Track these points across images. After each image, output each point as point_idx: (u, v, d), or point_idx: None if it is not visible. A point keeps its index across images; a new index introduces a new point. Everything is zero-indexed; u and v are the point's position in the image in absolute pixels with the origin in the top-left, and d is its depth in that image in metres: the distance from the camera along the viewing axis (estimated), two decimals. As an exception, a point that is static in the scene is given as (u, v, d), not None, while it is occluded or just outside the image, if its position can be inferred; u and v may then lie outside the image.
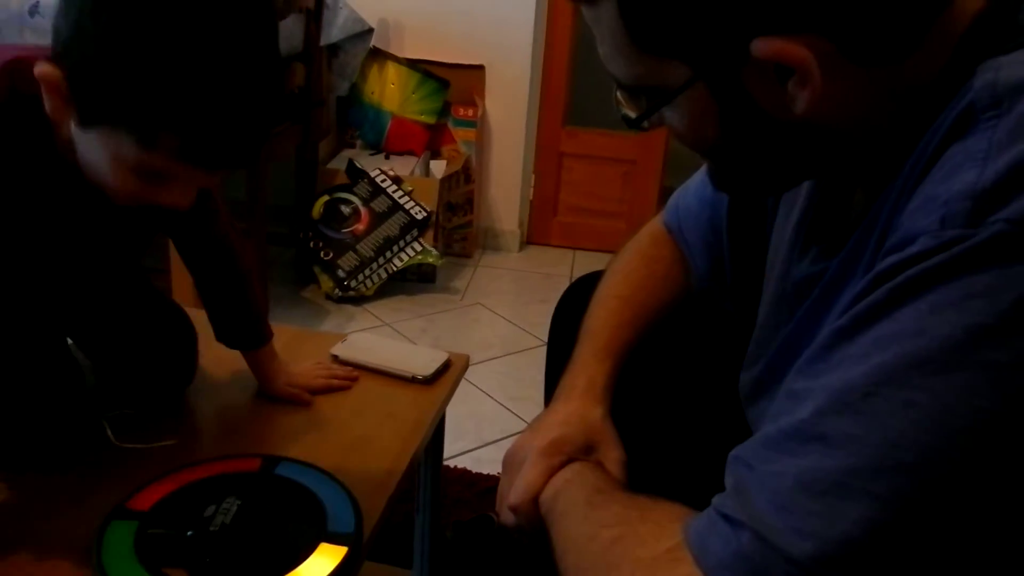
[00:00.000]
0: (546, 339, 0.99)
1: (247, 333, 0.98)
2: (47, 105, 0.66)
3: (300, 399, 0.99)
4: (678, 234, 0.87)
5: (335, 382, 1.02)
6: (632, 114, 0.58)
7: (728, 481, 0.49)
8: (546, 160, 3.00)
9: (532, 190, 3.04)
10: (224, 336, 0.98)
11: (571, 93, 2.94)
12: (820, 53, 0.47)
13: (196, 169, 0.66)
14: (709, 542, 0.47)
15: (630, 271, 0.88)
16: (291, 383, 1.00)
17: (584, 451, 0.71)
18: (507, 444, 0.79)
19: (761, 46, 0.48)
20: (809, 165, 0.57)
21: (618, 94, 0.58)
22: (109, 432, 0.86)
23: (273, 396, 0.99)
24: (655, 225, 0.91)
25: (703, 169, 0.86)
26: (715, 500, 0.49)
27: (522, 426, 1.83)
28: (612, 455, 0.71)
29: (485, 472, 1.62)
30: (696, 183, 0.87)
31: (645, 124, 0.57)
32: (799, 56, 0.47)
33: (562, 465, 0.68)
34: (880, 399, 0.42)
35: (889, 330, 0.43)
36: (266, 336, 0.99)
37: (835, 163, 0.56)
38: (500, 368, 2.16)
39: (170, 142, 0.63)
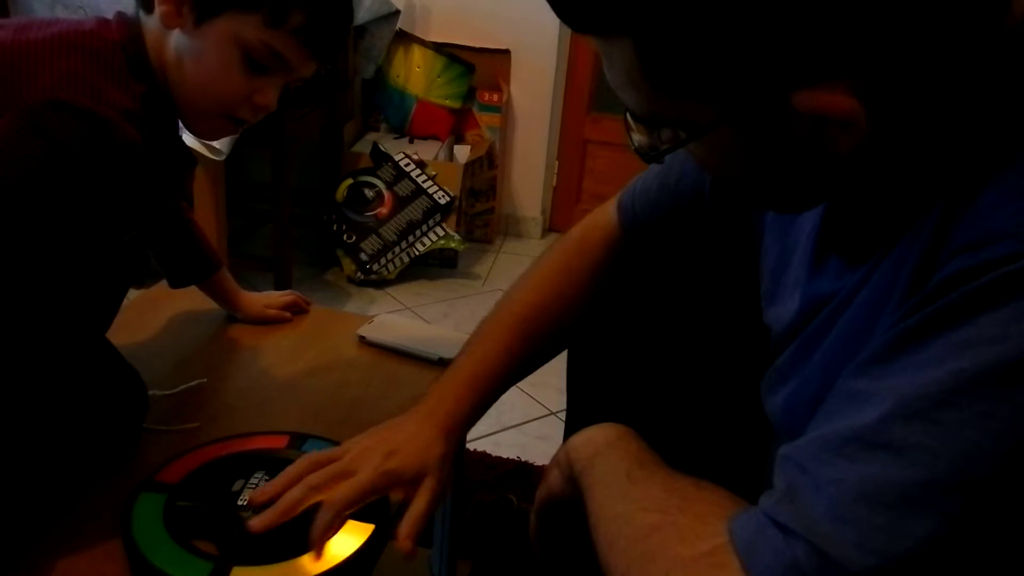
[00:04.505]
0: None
1: (202, 262, 1.02)
2: (159, 10, 0.70)
3: (282, 317, 1.09)
4: (629, 210, 0.84)
5: (300, 301, 1.13)
6: (645, 144, 0.52)
7: (779, 482, 0.46)
8: (570, 147, 2.98)
9: (555, 177, 3.03)
10: (181, 275, 1.02)
11: (597, 79, 2.92)
12: (867, 100, 0.44)
13: (306, 52, 0.74)
14: (758, 549, 0.44)
15: (544, 276, 0.86)
16: (269, 305, 1.08)
17: (411, 481, 0.71)
18: (526, 429, 0.78)
19: (804, 100, 0.44)
20: (847, 188, 0.53)
21: (628, 118, 0.52)
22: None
23: (253, 320, 1.07)
24: (598, 213, 0.89)
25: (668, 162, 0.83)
26: (764, 502, 0.46)
27: (541, 411, 1.82)
28: (428, 484, 0.71)
29: (504, 456, 1.63)
30: (657, 169, 0.82)
31: (664, 160, 0.53)
32: (846, 108, 0.44)
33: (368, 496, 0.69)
34: (955, 409, 0.40)
35: (967, 335, 0.40)
36: (219, 260, 1.04)
37: (874, 185, 0.53)
38: (521, 354, 2.16)
39: (297, 19, 0.71)
